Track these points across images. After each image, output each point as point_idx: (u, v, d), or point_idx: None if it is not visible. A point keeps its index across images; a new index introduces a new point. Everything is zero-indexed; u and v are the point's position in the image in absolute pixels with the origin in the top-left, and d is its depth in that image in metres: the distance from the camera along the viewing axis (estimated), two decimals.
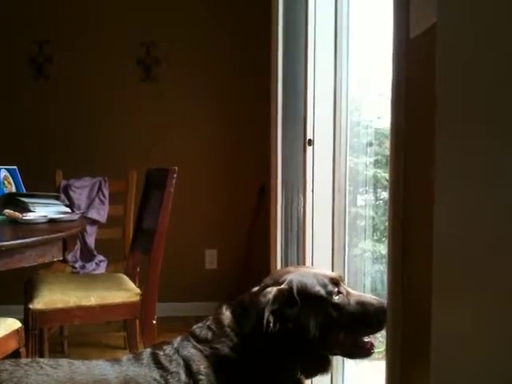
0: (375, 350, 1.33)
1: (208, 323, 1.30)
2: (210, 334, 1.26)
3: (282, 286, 1.26)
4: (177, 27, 3.94)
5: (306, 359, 1.28)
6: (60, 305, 2.28)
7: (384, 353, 1.40)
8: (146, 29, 3.92)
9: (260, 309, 1.21)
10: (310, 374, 1.34)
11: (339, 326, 1.28)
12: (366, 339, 1.33)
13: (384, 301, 1.29)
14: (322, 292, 1.28)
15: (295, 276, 1.30)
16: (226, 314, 1.30)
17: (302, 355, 1.27)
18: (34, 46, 3.86)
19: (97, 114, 3.93)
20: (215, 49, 3.99)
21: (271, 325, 1.21)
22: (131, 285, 2.57)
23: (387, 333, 1.33)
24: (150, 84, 3.96)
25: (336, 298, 1.29)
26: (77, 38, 3.89)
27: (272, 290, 1.24)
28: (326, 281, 1.30)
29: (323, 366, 1.33)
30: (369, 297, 1.35)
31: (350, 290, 1.34)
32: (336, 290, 1.30)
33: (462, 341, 0.94)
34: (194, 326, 1.31)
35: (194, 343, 1.25)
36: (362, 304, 1.30)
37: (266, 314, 1.20)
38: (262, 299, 1.23)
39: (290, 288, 1.26)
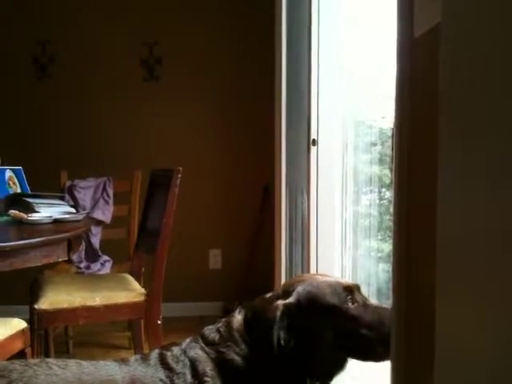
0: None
1: (218, 325, 1.29)
2: (217, 337, 1.25)
3: (289, 301, 1.23)
4: (180, 27, 3.94)
5: (318, 367, 1.26)
6: (65, 305, 2.28)
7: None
8: (149, 29, 3.93)
9: (268, 326, 1.20)
10: (327, 379, 1.32)
11: (355, 336, 1.25)
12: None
13: None
14: (335, 301, 1.24)
15: (306, 286, 1.27)
16: (238, 318, 1.28)
17: (314, 364, 1.25)
18: (38, 45, 3.87)
19: (101, 114, 3.94)
20: (218, 48, 3.99)
21: (282, 342, 1.19)
22: (136, 285, 2.58)
23: (392, 331, 1.33)
24: (153, 84, 3.96)
25: (351, 308, 1.25)
26: (80, 38, 3.90)
27: (279, 306, 1.22)
28: (340, 290, 1.26)
29: (339, 368, 1.29)
30: (385, 308, 1.28)
31: (366, 299, 1.29)
32: (350, 298, 1.26)
33: (467, 340, 0.94)
34: (205, 328, 1.30)
35: (202, 345, 1.24)
36: (378, 314, 1.25)
37: (275, 334, 1.18)
38: (269, 315, 1.21)
39: (298, 301, 1.24)
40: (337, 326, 1.24)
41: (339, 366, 1.29)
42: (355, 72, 2.34)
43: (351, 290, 1.28)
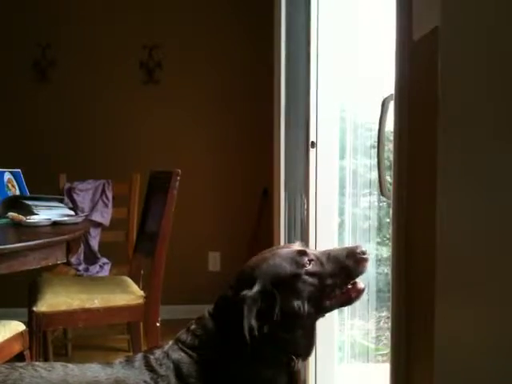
0: (363, 290, 1.31)
1: (192, 328, 1.30)
2: (196, 340, 1.26)
3: (254, 290, 1.24)
4: (179, 30, 3.95)
5: (297, 345, 1.28)
6: (64, 307, 2.28)
7: (388, 355, 1.39)
8: (149, 32, 3.93)
9: (237, 321, 1.20)
10: (307, 354, 1.34)
11: (325, 290, 1.28)
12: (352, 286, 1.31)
13: (351, 245, 1.31)
14: (294, 269, 1.26)
15: (264, 269, 1.29)
16: (208, 318, 1.30)
17: (293, 343, 1.27)
18: (38, 49, 3.87)
19: (100, 117, 3.94)
20: (217, 52, 3.99)
21: (255, 332, 1.20)
22: (135, 287, 2.57)
23: (391, 334, 1.33)
24: (152, 87, 3.97)
25: (310, 268, 1.27)
26: (80, 42, 3.91)
27: (245, 299, 1.22)
28: (294, 256, 1.29)
29: (313, 337, 1.32)
30: (337, 249, 1.35)
31: (317, 252, 1.33)
32: (306, 259, 1.28)
33: (465, 342, 0.94)
34: (180, 332, 1.31)
35: (183, 348, 1.26)
36: (334, 259, 1.29)
37: (246, 327, 1.19)
38: (236, 309, 1.22)
39: (262, 287, 1.25)
40: (305, 289, 1.26)
41: (312, 336, 1.31)
42: (355, 74, 2.34)
43: (303, 252, 1.30)
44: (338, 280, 1.28)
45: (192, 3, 3.99)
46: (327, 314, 1.34)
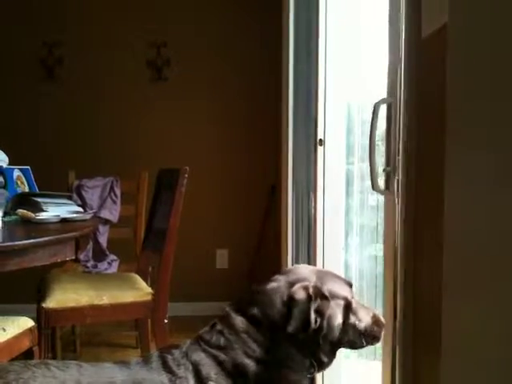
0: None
1: (218, 328, 1.26)
2: (222, 340, 1.22)
3: (314, 285, 1.23)
4: (187, 28, 3.95)
5: (323, 357, 1.28)
6: (72, 304, 2.29)
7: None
8: (157, 30, 3.94)
9: (302, 307, 1.19)
10: (323, 368, 1.35)
11: (353, 327, 1.29)
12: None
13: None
14: (348, 295, 1.29)
15: (319, 274, 1.29)
16: (239, 318, 1.26)
17: (320, 353, 1.27)
18: (45, 47, 3.88)
19: (108, 115, 3.95)
20: (226, 49, 3.99)
21: (315, 325, 1.20)
22: (143, 284, 2.58)
23: (399, 332, 1.33)
24: (160, 85, 3.97)
25: (354, 302, 1.30)
26: (87, 40, 3.92)
27: (307, 287, 1.21)
28: (346, 283, 1.33)
29: (333, 358, 1.34)
30: (369, 308, 1.38)
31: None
32: (352, 295, 1.31)
33: (472, 338, 0.93)
34: (202, 331, 1.27)
35: (206, 348, 1.22)
36: (367, 310, 1.33)
37: (312, 311, 1.19)
38: (297, 297, 1.20)
39: (321, 286, 1.25)
40: (345, 317, 1.28)
41: (334, 355, 1.33)
42: (362, 71, 2.33)
43: (351, 285, 1.34)
44: (366, 326, 1.30)
45: (200, 1, 3.99)
46: None
